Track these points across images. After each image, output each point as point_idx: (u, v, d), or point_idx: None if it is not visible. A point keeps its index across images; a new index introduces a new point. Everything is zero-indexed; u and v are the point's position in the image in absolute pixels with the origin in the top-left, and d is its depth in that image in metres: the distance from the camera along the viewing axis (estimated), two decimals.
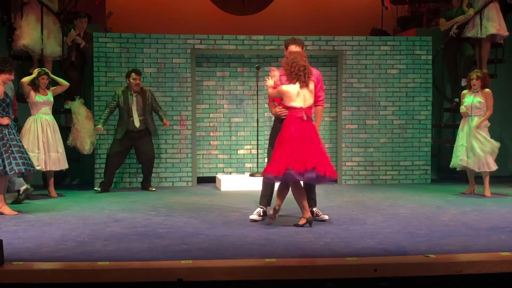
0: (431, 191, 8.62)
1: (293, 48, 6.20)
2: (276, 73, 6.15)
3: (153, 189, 8.90)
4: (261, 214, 6.30)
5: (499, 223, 6.10)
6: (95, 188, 8.66)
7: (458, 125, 8.17)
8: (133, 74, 8.61)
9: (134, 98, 8.63)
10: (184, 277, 4.22)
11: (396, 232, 5.64)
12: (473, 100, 8.00)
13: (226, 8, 11.93)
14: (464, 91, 8.28)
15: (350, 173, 9.67)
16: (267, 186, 6.39)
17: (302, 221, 5.92)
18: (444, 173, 10.05)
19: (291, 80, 5.95)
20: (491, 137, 8.05)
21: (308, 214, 5.94)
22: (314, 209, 6.36)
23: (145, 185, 8.95)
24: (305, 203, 5.95)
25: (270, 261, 4.48)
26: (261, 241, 5.25)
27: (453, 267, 4.42)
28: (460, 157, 8.12)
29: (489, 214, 6.65)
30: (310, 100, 5.99)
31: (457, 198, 7.91)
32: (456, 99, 9.78)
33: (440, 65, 9.97)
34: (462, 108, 8.14)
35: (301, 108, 5.92)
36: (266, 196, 6.39)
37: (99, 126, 8.66)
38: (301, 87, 5.92)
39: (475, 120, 7.99)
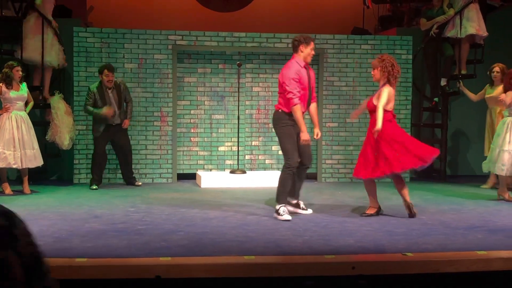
0: (409, 190, 8.63)
1: (313, 45, 6.42)
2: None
3: (140, 183, 8.84)
4: (288, 211, 6.30)
5: (476, 223, 6.17)
6: (92, 187, 8.39)
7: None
8: (105, 71, 8.41)
9: (110, 94, 8.52)
10: (163, 274, 4.21)
11: (374, 230, 5.68)
12: None
13: (208, 4, 11.90)
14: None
15: (330, 171, 9.70)
16: (287, 184, 6.33)
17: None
18: (423, 172, 10.11)
19: (388, 82, 6.42)
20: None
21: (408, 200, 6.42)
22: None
23: (130, 180, 8.84)
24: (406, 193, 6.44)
25: (249, 259, 4.49)
26: (240, 239, 5.25)
27: (431, 265, 4.46)
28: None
29: (467, 214, 6.72)
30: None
31: (435, 197, 7.98)
32: (436, 99, 9.85)
33: (420, 65, 10.03)
34: None
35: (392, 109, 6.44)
36: (285, 193, 6.35)
37: (105, 109, 8.37)
38: (394, 89, 6.42)
39: None
